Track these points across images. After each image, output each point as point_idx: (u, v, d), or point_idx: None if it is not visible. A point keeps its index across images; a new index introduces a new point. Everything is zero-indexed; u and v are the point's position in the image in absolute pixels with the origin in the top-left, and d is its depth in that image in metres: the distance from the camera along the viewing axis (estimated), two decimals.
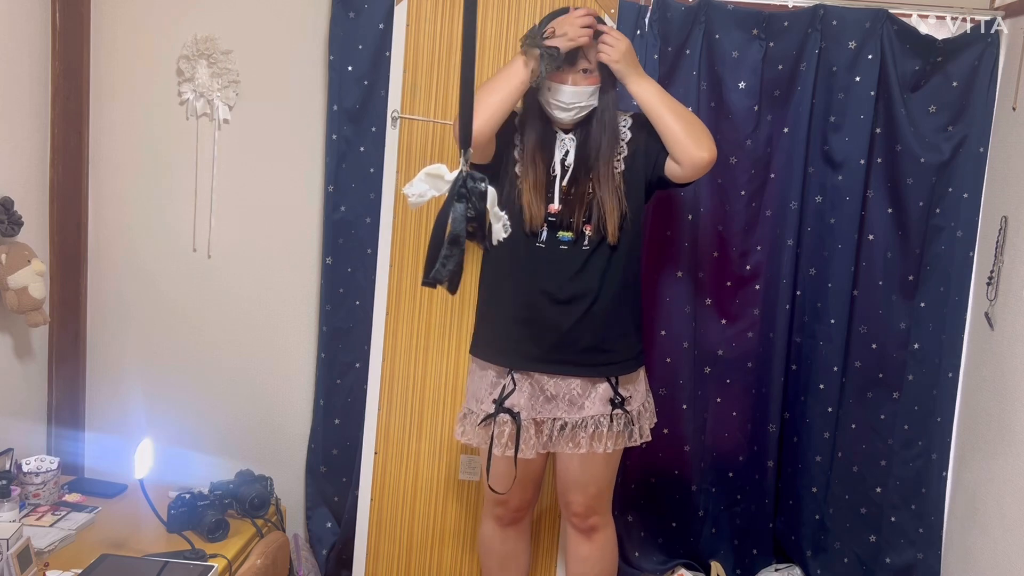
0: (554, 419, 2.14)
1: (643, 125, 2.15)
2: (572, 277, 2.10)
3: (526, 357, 2.13)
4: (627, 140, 2.14)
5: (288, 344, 2.79)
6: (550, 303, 2.11)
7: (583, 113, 2.08)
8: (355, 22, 2.57)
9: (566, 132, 2.13)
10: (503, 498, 2.25)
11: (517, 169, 2.14)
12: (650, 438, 2.23)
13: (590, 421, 2.12)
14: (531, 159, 2.11)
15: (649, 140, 2.13)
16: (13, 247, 2.38)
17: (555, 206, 2.10)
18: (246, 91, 2.68)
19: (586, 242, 2.10)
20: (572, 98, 2.04)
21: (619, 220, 2.09)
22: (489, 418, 2.14)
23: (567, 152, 2.12)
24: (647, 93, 2.08)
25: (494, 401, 2.14)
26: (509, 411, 2.12)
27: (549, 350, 2.12)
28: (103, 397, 2.81)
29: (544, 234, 2.11)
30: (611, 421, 2.13)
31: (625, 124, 2.16)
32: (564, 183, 2.10)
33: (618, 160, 2.12)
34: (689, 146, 2.04)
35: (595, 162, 2.09)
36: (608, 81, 2.10)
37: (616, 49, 2.04)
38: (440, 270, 1.92)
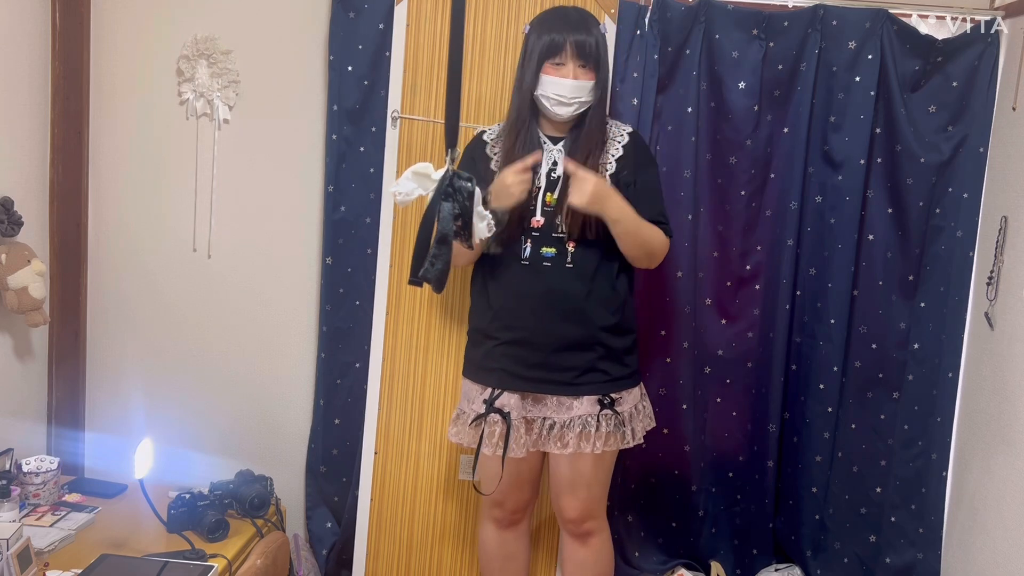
0: (543, 418, 2.14)
1: (637, 154, 2.15)
2: (556, 295, 2.09)
3: (514, 377, 2.12)
4: (618, 157, 2.13)
5: (288, 344, 2.79)
6: (534, 322, 2.10)
7: (581, 109, 2.07)
8: (355, 22, 2.57)
9: (555, 142, 2.12)
10: (499, 500, 2.24)
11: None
12: (642, 441, 2.23)
13: (578, 421, 2.11)
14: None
15: (638, 180, 2.13)
16: (13, 247, 2.38)
17: (538, 219, 2.09)
18: (246, 91, 2.68)
19: (569, 259, 2.09)
20: (574, 92, 2.04)
21: (604, 233, 2.08)
22: (480, 418, 2.13)
23: (554, 163, 2.11)
24: (618, 228, 2.06)
25: (484, 401, 2.14)
26: (499, 411, 2.12)
27: (536, 370, 2.11)
28: (103, 397, 2.81)
29: (527, 250, 2.10)
30: (599, 421, 2.12)
31: (621, 140, 2.16)
32: (554, 195, 2.09)
33: (603, 176, 2.10)
34: (642, 263, 2.17)
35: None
36: (603, 78, 2.09)
37: (584, 192, 1.98)
38: (429, 269, 1.93)
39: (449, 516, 2.58)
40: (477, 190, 1.98)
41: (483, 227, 2.03)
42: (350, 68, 2.58)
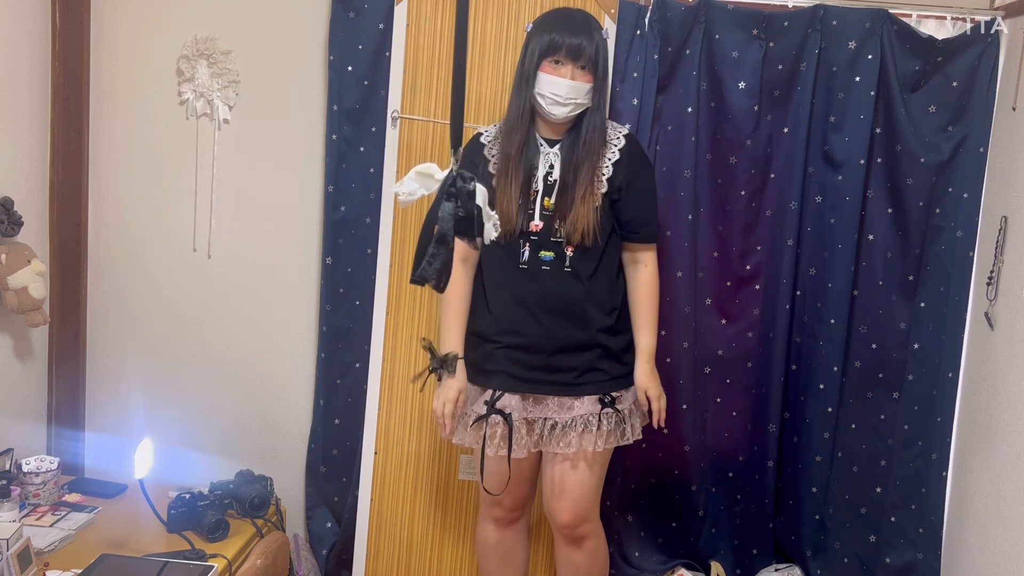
0: (544, 419, 2.14)
1: (632, 158, 2.15)
2: (555, 298, 2.10)
3: (515, 379, 2.13)
4: (614, 160, 2.13)
5: (288, 344, 2.79)
6: (534, 325, 2.10)
7: (577, 111, 2.07)
8: (355, 22, 2.57)
9: (551, 145, 2.12)
10: (498, 498, 2.25)
11: (493, 183, 2.11)
12: (641, 436, 2.23)
13: (579, 420, 2.11)
14: (510, 174, 2.09)
15: (632, 184, 2.14)
16: (13, 247, 2.38)
17: (537, 224, 2.09)
18: (246, 91, 2.68)
19: (568, 262, 2.10)
20: (570, 93, 2.04)
21: (602, 236, 2.09)
22: (481, 419, 2.13)
23: (551, 166, 2.11)
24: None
25: (485, 403, 2.13)
26: (500, 412, 2.11)
27: (536, 372, 2.12)
28: (103, 397, 2.81)
29: (526, 254, 2.10)
30: (600, 420, 2.12)
31: (617, 144, 2.15)
32: (551, 199, 2.09)
33: (600, 180, 2.11)
34: None
35: (581, 176, 2.08)
36: (603, 80, 2.09)
37: (663, 402, 2.21)
38: (426, 268, 1.94)
39: (449, 516, 2.58)
40: (482, 189, 1.98)
41: (490, 227, 2.03)
42: (350, 68, 2.58)
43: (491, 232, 2.09)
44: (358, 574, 2.60)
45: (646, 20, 2.52)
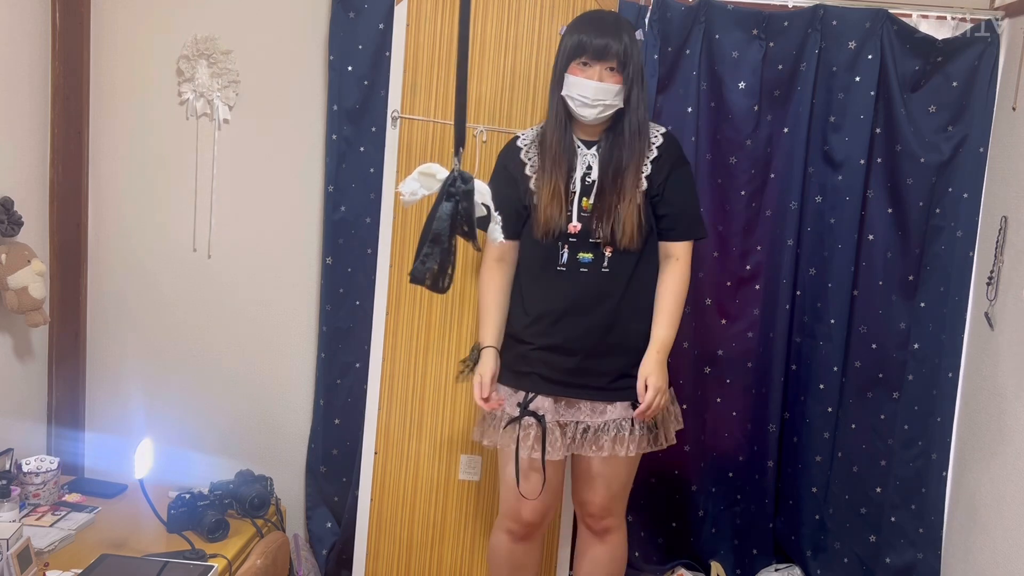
0: (577, 422, 2.12)
1: (671, 155, 2.13)
2: (592, 300, 2.09)
3: (548, 381, 2.11)
4: (652, 158, 2.11)
5: (288, 344, 2.79)
6: (570, 327, 2.09)
7: (608, 112, 2.05)
8: (355, 22, 2.57)
9: (588, 146, 2.11)
10: (516, 513, 2.20)
11: (532, 185, 2.11)
12: (675, 441, 2.21)
13: (612, 424, 2.10)
14: (549, 175, 2.08)
15: (670, 181, 2.12)
16: (13, 247, 2.38)
17: (575, 225, 2.08)
18: (246, 91, 2.68)
19: (605, 263, 2.09)
20: (597, 94, 2.02)
21: (641, 238, 2.08)
22: (514, 422, 2.12)
23: (589, 167, 2.10)
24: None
25: (518, 405, 2.12)
26: (534, 414, 2.10)
27: (570, 375, 2.10)
28: (103, 397, 2.81)
29: (564, 256, 2.10)
30: (633, 424, 2.11)
31: (655, 142, 2.13)
32: (590, 200, 2.08)
33: (640, 179, 2.09)
34: None
35: (621, 177, 2.06)
36: (635, 81, 2.06)
37: (661, 400, 2.09)
38: (419, 268, 1.93)
39: (449, 516, 2.58)
40: (485, 189, 1.98)
41: (495, 228, 2.03)
42: (350, 68, 2.58)
43: (496, 233, 2.09)
44: (358, 574, 2.60)
45: (646, 20, 2.52)
